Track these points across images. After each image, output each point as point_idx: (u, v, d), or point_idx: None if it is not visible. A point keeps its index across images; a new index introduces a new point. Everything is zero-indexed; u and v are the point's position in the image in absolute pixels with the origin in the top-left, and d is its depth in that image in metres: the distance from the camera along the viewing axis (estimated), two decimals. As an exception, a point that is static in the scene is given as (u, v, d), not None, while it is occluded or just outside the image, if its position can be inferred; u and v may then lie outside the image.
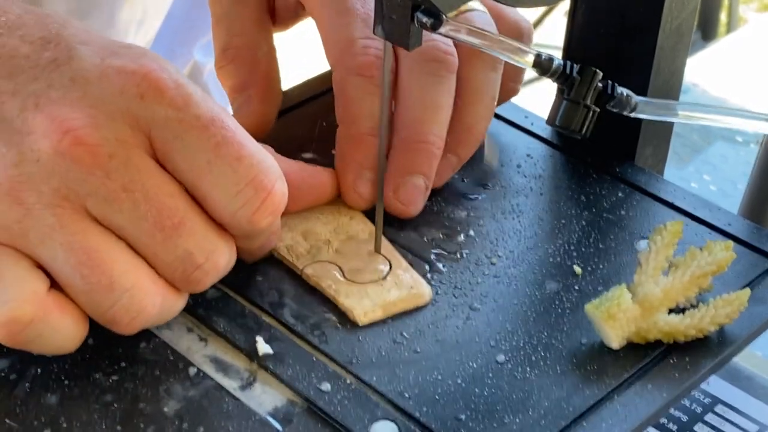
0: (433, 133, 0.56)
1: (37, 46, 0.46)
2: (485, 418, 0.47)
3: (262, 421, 0.46)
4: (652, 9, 0.58)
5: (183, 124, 0.46)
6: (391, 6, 0.47)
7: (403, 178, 0.56)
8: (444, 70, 0.57)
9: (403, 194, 0.56)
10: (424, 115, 0.56)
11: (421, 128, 0.56)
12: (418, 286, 0.52)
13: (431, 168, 0.56)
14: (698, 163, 1.24)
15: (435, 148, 0.56)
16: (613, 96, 0.50)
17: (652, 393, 0.48)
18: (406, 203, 0.56)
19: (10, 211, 0.44)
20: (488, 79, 0.58)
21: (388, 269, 0.53)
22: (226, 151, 0.46)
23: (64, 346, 0.47)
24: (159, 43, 0.83)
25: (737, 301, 0.50)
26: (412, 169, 0.56)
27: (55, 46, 0.46)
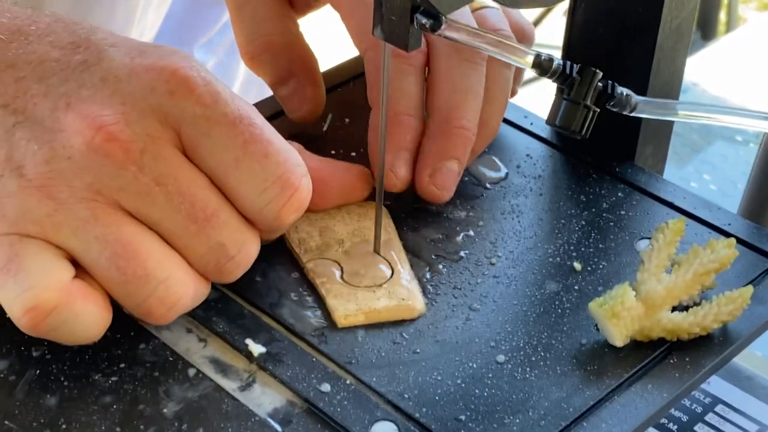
0: (468, 118, 0.56)
1: (67, 50, 0.47)
2: (485, 419, 0.46)
3: (261, 422, 0.46)
4: (651, 9, 0.58)
5: (211, 121, 0.46)
6: (390, 7, 0.47)
7: (440, 162, 0.56)
8: (479, 57, 0.57)
9: (440, 179, 0.56)
10: (462, 101, 0.56)
11: (458, 113, 0.56)
12: (411, 298, 0.52)
13: (465, 153, 0.57)
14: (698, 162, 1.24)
15: (470, 134, 0.57)
16: (613, 96, 0.50)
17: (652, 393, 0.48)
18: (441, 188, 0.56)
19: (40, 206, 0.45)
20: (503, 75, 0.59)
21: (389, 277, 0.53)
22: (254, 148, 0.46)
23: (87, 334, 0.47)
24: (159, 41, 0.83)
25: (740, 299, 0.50)
26: (448, 154, 0.56)
27: (85, 50, 0.47)
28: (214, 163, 0.47)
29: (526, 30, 0.62)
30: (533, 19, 2.24)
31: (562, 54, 0.63)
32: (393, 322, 0.51)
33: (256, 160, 0.47)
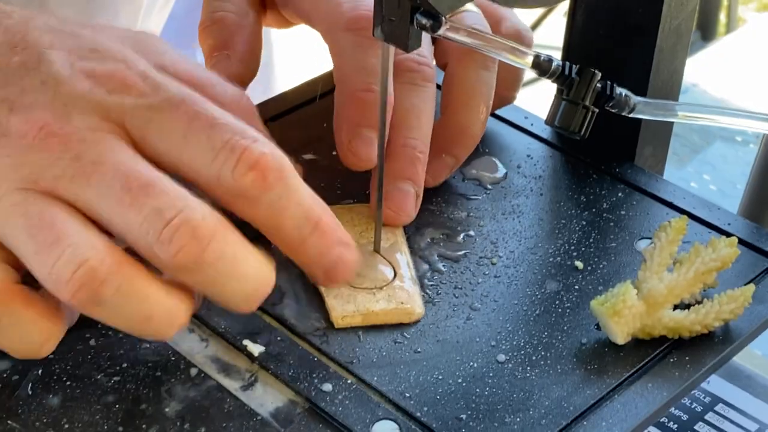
0: (413, 136, 0.56)
1: (4, 50, 0.46)
2: (486, 418, 0.47)
3: (263, 421, 0.46)
4: (651, 9, 0.58)
5: (153, 108, 0.46)
6: (390, 8, 0.48)
7: (391, 184, 0.55)
8: (420, 79, 0.57)
9: (391, 201, 0.55)
10: (405, 121, 0.56)
11: (401, 133, 0.56)
12: (410, 302, 0.52)
13: (417, 173, 0.56)
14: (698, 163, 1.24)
15: (417, 152, 0.56)
16: (612, 96, 0.51)
17: (652, 392, 0.48)
18: (396, 210, 0.55)
19: None
20: (481, 78, 0.58)
21: (390, 280, 0.53)
22: (199, 123, 0.45)
23: (30, 342, 0.45)
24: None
25: (742, 297, 0.50)
26: (398, 175, 0.55)
27: (23, 50, 0.47)
28: (164, 146, 0.45)
29: (523, 34, 0.62)
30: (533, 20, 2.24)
31: (562, 54, 0.63)
32: (394, 322, 0.51)
33: (202, 131, 0.45)
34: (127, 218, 0.44)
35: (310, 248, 0.47)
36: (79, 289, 0.43)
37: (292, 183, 0.45)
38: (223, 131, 0.45)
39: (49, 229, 0.43)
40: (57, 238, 0.43)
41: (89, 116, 0.45)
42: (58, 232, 0.43)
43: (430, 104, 0.57)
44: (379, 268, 0.53)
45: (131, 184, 0.44)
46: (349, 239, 0.48)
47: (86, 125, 0.45)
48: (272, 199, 0.45)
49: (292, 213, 0.46)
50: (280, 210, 0.45)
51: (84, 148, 0.44)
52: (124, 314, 0.44)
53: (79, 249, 0.43)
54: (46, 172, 0.44)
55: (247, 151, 0.45)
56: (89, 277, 0.43)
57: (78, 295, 0.43)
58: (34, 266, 0.44)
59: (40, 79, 0.46)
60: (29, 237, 0.44)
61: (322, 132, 0.62)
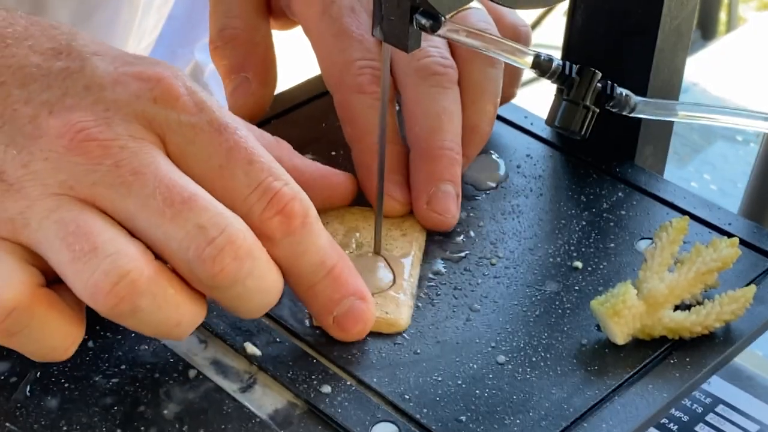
0: (450, 139, 0.57)
1: (48, 56, 0.47)
2: (486, 420, 0.46)
3: (262, 423, 0.46)
4: (651, 9, 0.58)
5: (196, 128, 0.46)
6: (389, 7, 0.47)
7: (433, 187, 0.56)
8: (446, 82, 0.57)
9: (437, 203, 0.56)
10: (438, 124, 0.57)
11: (438, 135, 0.56)
12: (396, 313, 0.51)
13: (456, 174, 0.56)
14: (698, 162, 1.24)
15: (455, 154, 0.57)
16: (612, 96, 0.50)
17: (652, 393, 0.48)
18: (442, 212, 0.56)
19: (15, 204, 0.44)
20: (488, 76, 0.59)
21: (386, 288, 0.52)
22: (238, 155, 0.46)
23: (52, 345, 0.45)
24: (160, 43, 0.83)
25: (743, 298, 0.50)
26: (439, 177, 0.56)
27: (67, 56, 0.47)
28: (200, 171, 0.46)
29: (520, 30, 0.62)
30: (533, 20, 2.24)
31: (562, 54, 0.63)
32: (393, 323, 0.51)
33: (240, 166, 0.46)
34: (167, 232, 0.44)
35: (320, 293, 0.48)
36: (119, 302, 0.43)
37: (314, 229, 0.47)
38: (259, 170, 0.46)
39: (85, 238, 0.43)
40: (94, 247, 0.43)
41: (131, 123, 0.45)
42: (95, 241, 0.43)
43: (458, 106, 0.58)
44: (379, 274, 0.53)
45: (174, 198, 0.44)
46: (365, 293, 0.49)
47: (128, 132, 0.45)
48: (292, 243, 0.46)
49: (309, 258, 0.47)
50: (299, 254, 0.47)
51: (124, 156, 0.44)
52: (155, 322, 0.44)
53: (118, 260, 0.43)
54: (84, 178, 0.44)
55: (278, 195, 0.46)
56: (130, 289, 0.43)
57: (118, 308, 0.43)
58: (69, 275, 0.44)
59: (83, 84, 0.46)
60: (65, 245, 0.43)
61: (321, 132, 0.62)
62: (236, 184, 0.46)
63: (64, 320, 0.45)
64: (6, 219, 0.44)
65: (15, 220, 0.44)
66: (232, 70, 0.61)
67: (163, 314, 0.44)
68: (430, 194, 0.56)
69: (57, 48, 0.47)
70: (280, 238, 0.46)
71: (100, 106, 0.45)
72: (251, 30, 0.61)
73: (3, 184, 0.45)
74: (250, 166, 0.46)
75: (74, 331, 0.45)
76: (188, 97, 0.46)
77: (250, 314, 0.47)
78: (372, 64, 0.57)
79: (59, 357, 0.45)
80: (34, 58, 0.46)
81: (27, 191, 0.44)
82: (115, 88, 0.46)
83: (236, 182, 0.46)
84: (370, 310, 0.49)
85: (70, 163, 0.44)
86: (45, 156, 0.45)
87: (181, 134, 0.46)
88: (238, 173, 0.46)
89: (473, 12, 0.58)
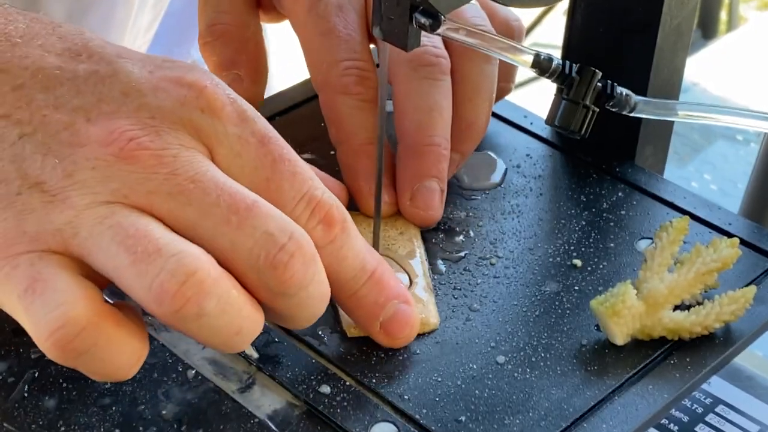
0: (438, 134, 0.56)
1: (66, 57, 0.45)
2: (485, 420, 0.46)
3: (261, 423, 0.46)
4: (651, 8, 0.58)
5: (242, 140, 0.45)
6: (389, 6, 0.47)
7: (417, 183, 0.56)
8: (438, 73, 0.57)
9: (420, 200, 0.56)
10: (427, 119, 0.56)
11: (426, 131, 0.56)
12: (425, 312, 0.51)
13: (442, 170, 0.56)
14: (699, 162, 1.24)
15: (442, 149, 0.56)
16: (612, 96, 0.50)
17: (653, 394, 0.48)
18: (424, 208, 0.56)
19: (61, 215, 0.42)
20: (484, 73, 0.59)
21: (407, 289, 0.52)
22: (283, 167, 0.45)
23: (119, 364, 0.42)
24: (157, 42, 0.83)
25: (743, 299, 0.50)
26: (424, 173, 0.56)
27: (88, 58, 0.45)
28: (247, 182, 0.45)
29: (513, 25, 0.62)
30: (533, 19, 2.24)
31: (562, 53, 0.63)
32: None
33: (285, 179, 0.45)
34: (235, 240, 0.43)
35: (363, 298, 0.48)
36: (186, 303, 0.41)
37: (352, 234, 0.47)
38: (302, 181, 0.46)
39: (147, 239, 0.41)
40: (157, 248, 0.41)
41: (180, 132, 0.44)
42: (157, 242, 0.41)
43: (449, 99, 0.57)
44: (395, 276, 0.53)
45: (238, 205, 0.43)
46: (408, 296, 0.49)
47: (178, 141, 0.44)
48: (334, 250, 0.46)
49: (350, 263, 0.47)
50: (341, 259, 0.47)
51: (179, 164, 0.43)
52: (217, 328, 0.43)
53: (184, 259, 0.41)
54: (139, 186, 0.42)
55: (320, 204, 0.46)
56: (197, 289, 0.41)
57: (184, 310, 0.41)
58: (129, 278, 0.42)
59: (119, 89, 0.44)
60: (123, 248, 0.41)
61: (321, 131, 0.62)
62: (282, 195, 0.45)
63: (130, 337, 0.42)
64: (53, 231, 0.42)
65: (63, 230, 0.42)
66: (222, 66, 0.61)
67: (227, 319, 0.42)
68: (413, 190, 0.56)
69: (73, 49, 0.45)
70: (323, 246, 0.46)
71: (144, 113, 0.44)
72: (242, 26, 0.61)
73: (45, 195, 0.42)
74: (294, 178, 0.45)
75: (140, 348, 0.43)
76: (231, 107, 0.45)
77: (305, 322, 0.46)
78: (358, 65, 0.57)
79: (124, 376, 0.43)
80: (52, 60, 0.45)
81: (73, 201, 0.42)
82: (156, 94, 0.44)
83: (282, 194, 0.45)
84: (414, 313, 0.49)
85: (123, 171, 0.43)
86: (92, 165, 0.43)
87: (228, 146, 0.45)
88: (284, 185, 0.45)
89: (467, 7, 0.58)
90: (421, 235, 0.56)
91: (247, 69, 0.61)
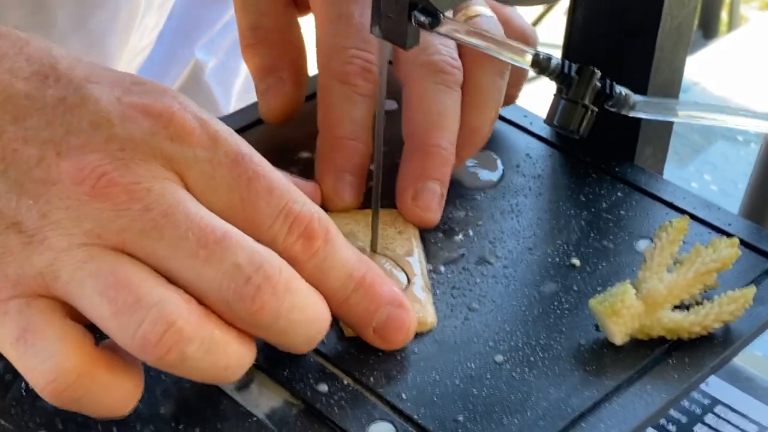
0: (444, 138, 0.56)
1: (35, 82, 0.44)
2: (483, 419, 0.46)
3: (258, 422, 0.46)
4: (651, 8, 0.58)
5: (213, 163, 0.45)
6: (388, 4, 0.47)
7: (420, 183, 0.56)
8: (453, 82, 0.57)
9: (422, 200, 0.56)
10: (436, 122, 0.56)
11: (435, 134, 0.56)
12: (423, 311, 0.51)
13: (445, 174, 0.56)
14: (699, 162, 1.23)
15: (448, 153, 0.56)
16: (611, 95, 0.50)
17: (651, 394, 0.48)
18: (425, 208, 0.56)
19: (41, 258, 0.43)
20: (495, 84, 0.59)
21: (403, 288, 0.52)
22: (258, 185, 0.45)
23: (114, 406, 0.44)
24: (160, 42, 0.83)
25: (742, 299, 0.50)
26: (427, 175, 0.56)
27: (55, 82, 0.45)
28: (222, 205, 0.45)
29: (528, 34, 0.62)
30: (533, 18, 2.24)
31: (562, 53, 0.63)
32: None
33: (261, 198, 0.45)
34: (203, 273, 0.43)
35: (354, 306, 0.48)
36: (168, 351, 0.42)
37: (336, 244, 0.47)
38: (279, 197, 0.45)
39: (126, 290, 0.42)
40: (137, 298, 0.42)
41: (151, 163, 0.44)
42: (137, 292, 0.42)
43: (458, 109, 0.58)
44: (393, 276, 0.53)
45: (207, 238, 0.43)
46: (401, 299, 0.49)
47: (150, 173, 0.44)
48: (317, 262, 0.46)
49: (337, 273, 0.47)
50: (326, 270, 0.47)
51: (152, 199, 0.43)
52: (203, 367, 0.43)
53: (164, 309, 0.42)
54: (112, 224, 0.43)
55: (298, 219, 0.46)
56: (178, 337, 0.42)
57: (167, 357, 0.42)
58: (113, 329, 0.42)
59: (88, 120, 0.44)
60: (105, 300, 0.42)
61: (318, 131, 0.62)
62: (259, 214, 0.45)
63: (123, 379, 0.44)
64: (34, 274, 0.43)
65: (44, 274, 0.43)
66: (265, 70, 0.61)
67: (212, 359, 0.43)
68: (416, 188, 0.56)
69: (41, 71, 0.45)
70: (306, 260, 0.46)
71: (114, 145, 0.44)
72: (284, 30, 0.61)
73: (23, 236, 0.43)
74: (271, 195, 0.45)
75: (133, 387, 0.44)
76: (201, 130, 0.45)
77: (302, 347, 0.47)
78: (364, 56, 0.57)
79: (120, 414, 0.44)
80: (21, 86, 0.44)
81: (51, 242, 0.43)
82: (125, 125, 0.44)
83: (259, 213, 0.45)
84: (409, 317, 0.49)
85: (95, 209, 0.43)
86: (65, 205, 0.43)
87: (199, 170, 0.45)
88: (260, 203, 0.45)
89: (483, 19, 0.58)
90: (421, 235, 0.56)
91: (289, 72, 0.61)
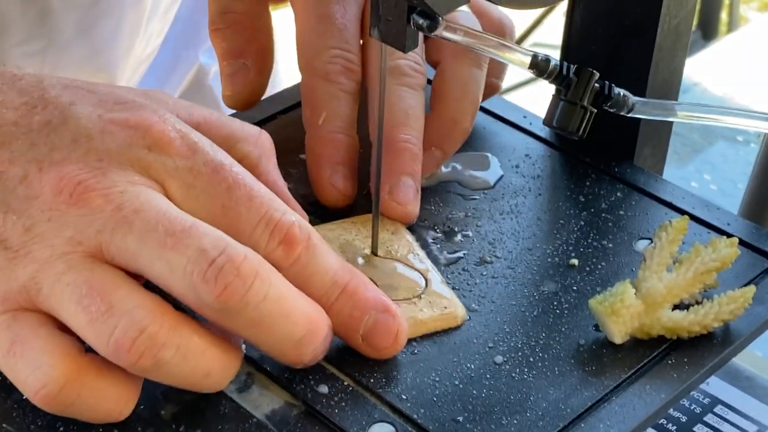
0: (413, 135, 0.57)
1: (23, 111, 0.46)
2: (483, 420, 0.46)
3: (259, 423, 0.46)
4: (650, 9, 0.58)
5: (193, 171, 0.46)
6: (387, 8, 0.47)
7: (394, 179, 0.56)
8: (416, 85, 0.59)
9: (398, 194, 0.56)
10: (403, 120, 0.57)
11: (402, 130, 0.57)
12: (453, 306, 0.51)
13: (416, 170, 0.57)
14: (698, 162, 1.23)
15: (417, 150, 0.57)
16: (609, 96, 0.50)
17: (650, 394, 0.48)
18: (403, 202, 0.56)
19: (25, 270, 0.44)
20: (473, 76, 0.59)
21: (425, 286, 0.52)
22: (239, 193, 0.46)
23: (107, 410, 0.45)
24: (165, 47, 0.83)
25: (742, 298, 0.50)
26: (400, 170, 0.56)
27: (43, 109, 0.46)
28: (204, 214, 0.45)
29: (505, 23, 0.63)
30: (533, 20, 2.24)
31: (561, 54, 0.63)
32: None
33: (242, 204, 0.46)
34: (171, 261, 0.43)
35: (339, 313, 0.48)
36: (141, 356, 0.43)
37: (318, 251, 0.47)
38: (259, 204, 0.46)
39: (99, 298, 0.43)
40: (110, 306, 0.43)
41: (127, 171, 0.45)
42: (110, 299, 0.43)
43: (422, 109, 0.59)
44: (410, 277, 0.53)
45: (175, 228, 0.44)
46: (388, 304, 0.48)
47: (126, 179, 0.45)
48: (299, 269, 0.46)
49: (320, 279, 0.47)
50: (307, 278, 0.47)
51: (125, 198, 0.44)
52: (182, 373, 0.44)
53: (135, 316, 0.43)
54: (89, 228, 0.44)
55: (279, 225, 0.46)
56: (150, 343, 0.43)
57: (140, 363, 0.43)
58: (89, 337, 0.43)
59: (70, 137, 0.45)
60: (81, 308, 0.43)
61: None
62: (239, 221, 0.46)
63: (114, 384, 0.44)
64: (18, 288, 0.44)
65: (28, 287, 0.44)
66: (231, 54, 0.61)
67: (190, 364, 0.44)
68: (391, 184, 0.56)
69: (30, 102, 0.46)
70: (287, 267, 0.46)
71: (92, 156, 0.45)
72: (253, 15, 0.61)
73: (8, 252, 0.44)
74: (251, 202, 0.46)
75: (126, 391, 0.45)
76: (180, 141, 0.46)
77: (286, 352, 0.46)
78: (346, 56, 0.58)
79: (116, 418, 0.45)
80: (10, 115, 0.46)
81: (34, 255, 0.44)
82: (103, 138, 0.45)
83: (240, 219, 0.46)
84: (397, 321, 0.48)
85: (74, 216, 0.44)
86: (47, 216, 0.44)
87: (180, 178, 0.46)
88: (240, 210, 0.46)
89: (460, 15, 0.59)
90: (420, 235, 0.56)
91: (254, 59, 0.61)
